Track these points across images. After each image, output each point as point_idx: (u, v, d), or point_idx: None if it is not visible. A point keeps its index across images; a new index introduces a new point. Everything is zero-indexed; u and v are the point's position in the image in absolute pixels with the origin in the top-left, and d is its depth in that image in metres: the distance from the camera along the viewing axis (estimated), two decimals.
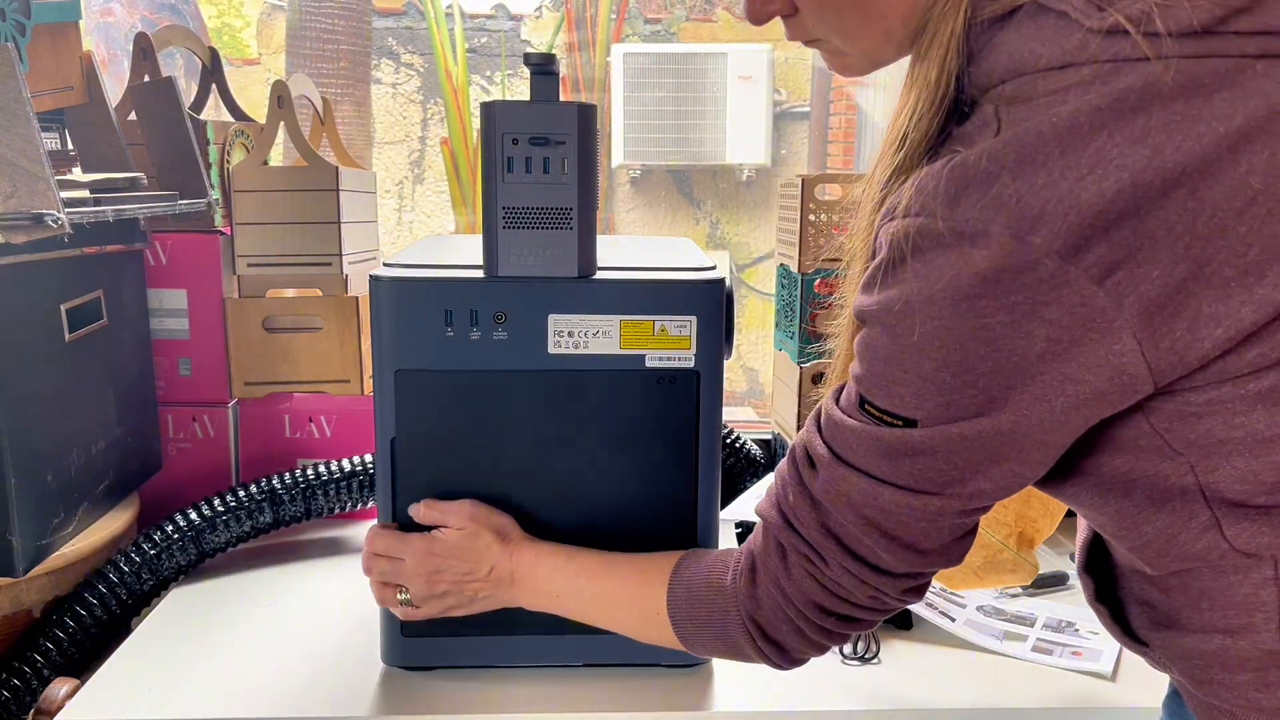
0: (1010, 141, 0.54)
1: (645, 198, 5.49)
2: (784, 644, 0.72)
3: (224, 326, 1.33)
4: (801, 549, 0.67)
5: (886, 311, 0.59)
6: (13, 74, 0.95)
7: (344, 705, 0.92)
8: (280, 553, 1.26)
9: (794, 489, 0.67)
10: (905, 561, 0.65)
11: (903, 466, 0.61)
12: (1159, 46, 0.51)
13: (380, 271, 0.89)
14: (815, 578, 0.67)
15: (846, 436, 0.63)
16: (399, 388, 0.89)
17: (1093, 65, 0.53)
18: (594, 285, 0.88)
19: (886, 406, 0.60)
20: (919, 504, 0.61)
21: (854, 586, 0.66)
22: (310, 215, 1.35)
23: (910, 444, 0.60)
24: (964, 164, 0.55)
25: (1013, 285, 0.53)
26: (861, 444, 0.62)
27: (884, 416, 0.61)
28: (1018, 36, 0.56)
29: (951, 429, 0.58)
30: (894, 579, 0.66)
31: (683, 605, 0.77)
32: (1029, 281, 0.52)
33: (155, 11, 4.39)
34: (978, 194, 0.53)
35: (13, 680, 1.02)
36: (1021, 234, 0.52)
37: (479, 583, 0.87)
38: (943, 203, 0.55)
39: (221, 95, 1.51)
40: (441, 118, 5.25)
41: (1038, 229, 0.51)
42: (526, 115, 0.84)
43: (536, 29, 5.42)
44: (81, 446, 1.12)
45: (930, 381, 0.58)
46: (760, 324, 5.05)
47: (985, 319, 0.54)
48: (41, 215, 0.94)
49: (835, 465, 0.64)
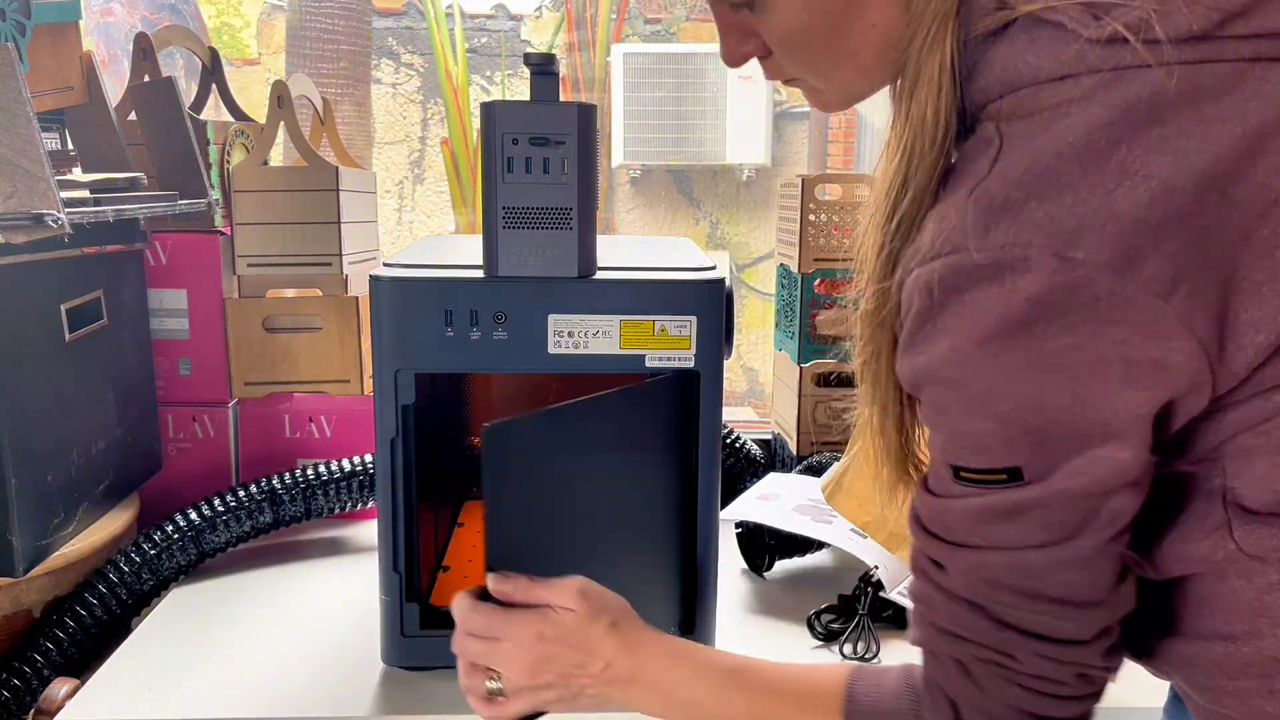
0: (1029, 166, 0.52)
1: (645, 198, 5.49)
2: None
3: (224, 326, 1.33)
4: (983, 655, 0.59)
5: (942, 366, 0.55)
6: (13, 74, 0.95)
7: (344, 705, 0.92)
8: (280, 553, 1.26)
9: (938, 601, 0.60)
10: (1090, 623, 0.58)
11: (1030, 523, 0.56)
12: (1160, 53, 0.51)
13: (380, 271, 0.89)
14: (1013, 681, 0.60)
15: (956, 518, 0.58)
16: (399, 388, 0.89)
17: (1093, 75, 0.52)
18: (594, 285, 0.88)
19: (983, 465, 0.56)
20: (1069, 554, 0.56)
21: (1054, 671, 0.59)
22: (310, 215, 1.35)
23: (1025, 501, 0.55)
24: (987, 192, 0.53)
25: (1067, 306, 0.50)
26: (977, 519, 0.57)
27: (985, 477, 0.56)
28: (1012, 50, 0.55)
29: (1057, 483, 0.54)
30: (1088, 646, 0.59)
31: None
32: (1085, 300, 0.50)
33: (155, 11, 4.39)
34: (1008, 221, 0.51)
35: (13, 680, 1.02)
36: (1063, 251, 0.50)
37: (590, 678, 0.71)
38: (974, 235, 0.52)
39: (221, 95, 1.51)
40: (441, 118, 5.25)
41: (1079, 244, 0.50)
42: (526, 115, 0.84)
43: (536, 29, 5.42)
44: (81, 446, 1.12)
45: (1013, 425, 0.54)
46: (760, 324, 5.05)
47: (1047, 343, 0.51)
48: (41, 215, 0.94)
49: (964, 554, 0.58)
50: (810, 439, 1.43)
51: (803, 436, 1.43)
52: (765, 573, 1.19)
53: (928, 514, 0.60)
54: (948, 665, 0.62)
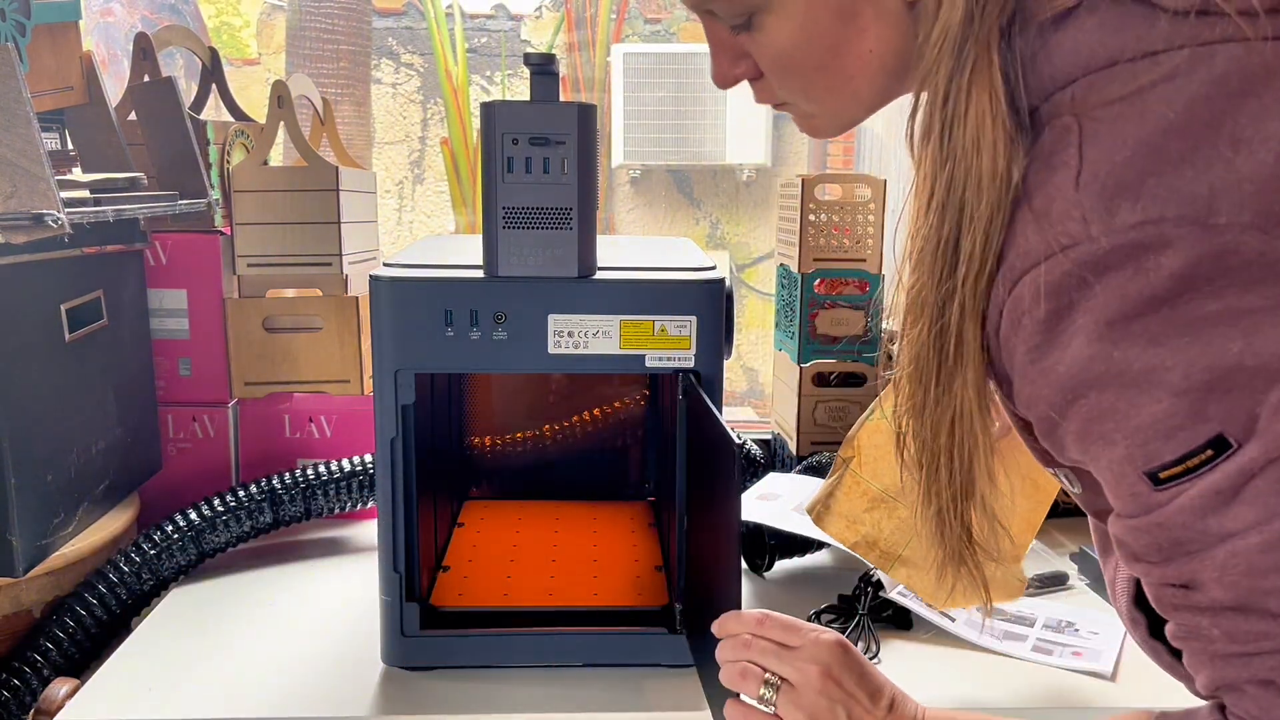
0: (1135, 146, 0.49)
1: (645, 198, 5.49)
2: None
3: (224, 326, 1.33)
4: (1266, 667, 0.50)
5: (1089, 367, 0.50)
6: (13, 74, 0.95)
7: (344, 705, 0.92)
8: (280, 553, 1.26)
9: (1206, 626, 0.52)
10: None
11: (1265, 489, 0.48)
12: (1258, 26, 0.49)
13: (380, 271, 0.89)
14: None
15: (1182, 523, 0.50)
16: (399, 387, 0.89)
17: (1185, 50, 0.49)
18: (594, 285, 0.88)
19: (1181, 451, 0.49)
20: None
21: None
22: (310, 215, 1.35)
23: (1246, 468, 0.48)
24: (1095, 178, 0.49)
25: (1214, 273, 0.47)
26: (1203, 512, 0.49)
27: (1189, 464, 0.49)
28: (1081, 34, 0.52)
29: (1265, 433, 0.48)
30: None
31: None
32: (1234, 265, 0.47)
33: (155, 11, 4.39)
34: (1131, 201, 0.48)
35: (13, 680, 1.02)
36: (1205, 219, 0.47)
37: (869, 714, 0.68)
38: (1097, 222, 0.49)
39: (221, 95, 1.51)
40: (441, 118, 5.24)
41: (1217, 210, 0.47)
42: (526, 115, 0.84)
43: (536, 29, 5.42)
44: (81, 446, 1.12)
45: (1191, 391, 0.48)
46: (760, 324, 5.05)
47: (1196, 310, 0.47)
48: (41, 215, 0.94)
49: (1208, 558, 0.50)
50: (810, 439, 1.43)
51: (803, 436, 1.43)
52: (765, 573, 1.19)
53: (1144, 542, 0.52)
54: (1254, 693, 0.51)
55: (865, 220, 1.41)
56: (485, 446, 1.34)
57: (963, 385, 0.56)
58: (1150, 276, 0.48)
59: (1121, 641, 1.02)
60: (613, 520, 1.22)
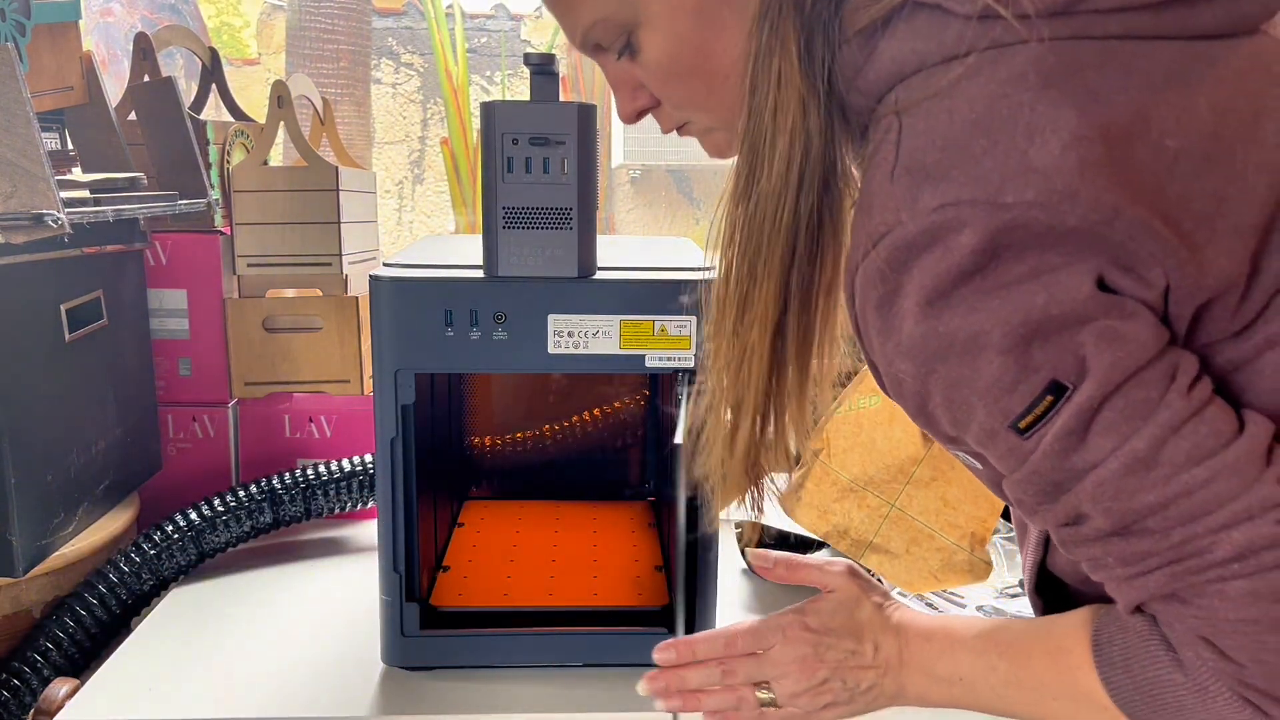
0: (940, 142, 0.52)
1: (645, 198, 5.49)
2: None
3: (224, 326, 1.33)
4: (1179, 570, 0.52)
5: (923, 340, 0.53)
6: (13, 74, 0.95)
7: (344, 705, 0.92)
8: (280, 553, 1.26)
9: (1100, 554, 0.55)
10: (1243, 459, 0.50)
11: (1110, 422, 0.51)
12: (1033, 28, 0.52)
13: (380, 271, 0.89)
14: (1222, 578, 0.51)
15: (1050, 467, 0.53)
16: (399, 388, 0.89)
17: (976, 54, 0.53)
18: (594, 285, 0.88)
19: (1024, 404, 0.52)
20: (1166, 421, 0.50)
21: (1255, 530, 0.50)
22: (310, 215, 1.35)
23: (1087, 404, 0.51)
24: (906, 169, 0.53)
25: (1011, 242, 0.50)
26: (1063, 451, 0.52)
27: (1037, 410, 0.52)
28: (895, 41, 0.56)
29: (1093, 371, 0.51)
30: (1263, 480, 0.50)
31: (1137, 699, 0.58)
32: (1025, 237, 0.50)
33: (155, 11, 4.39)
34: (932, 187, 0.52)
35: (13, 680, 1.02)
36: (994, 198, 0.50)
37: (866, 669, 0.68)
38: (905, 208, 0.52)
39: (221, 95, 1.51)
40: (441, 118, 5.24)
41: (1005, 190, 0.50)
42: (526, 115, 0.84)
43: (536, 29, 5.42)
44: (81, 446, 1.12)
45: (1015, 346, 0.51)
46: None
47: (1002, 275, 0.51)
48: (41, 215, 0.94)
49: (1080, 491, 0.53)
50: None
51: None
52: None
53: (1030, 491, 0.55)
54: (1160, 609, 0.54)
55: None
56: (485, 446, 1.34)
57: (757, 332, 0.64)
58: (954, 254, 0.51)
59: None
60: (613, 520, 1.22)
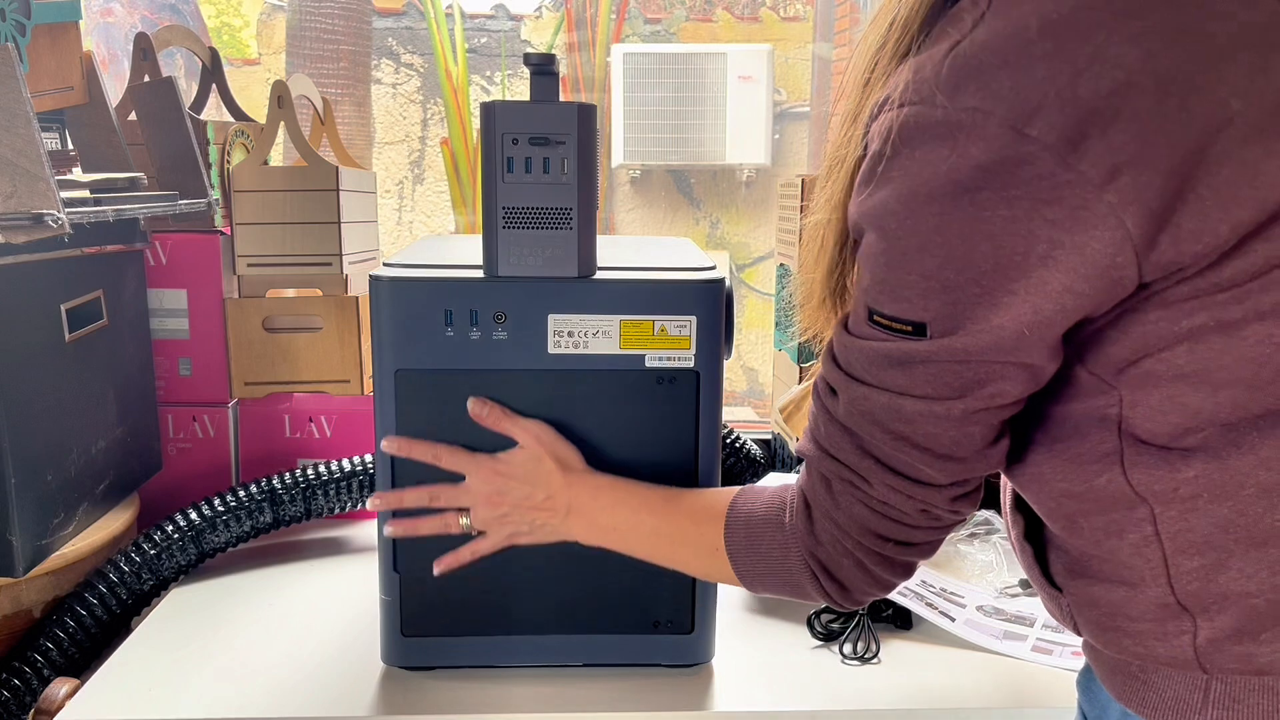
0: (1009, 34, 0.53)
1: (645, 198, 5.49)
2: (846, 582, 0.71)
3: (224, 326, 1.33)
4: (844, 475, 0.67)
5: (884, 214, 0.58)
6: (13, 74, 0.95)
7: (344, 705, 0.92)
8: (280, 553, 1.26)
9: (823, 420, 0.67)
10: (946, 472, 0.64)
11: (916, 375, 0.60)
12: None
13: (380, 271, 0.89)
14: (863, 502, 0.67)
15: (857, 355, 0.63)
16: (399, 388, 0.89)
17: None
18: (594, 285, 0.88)
19: (894, 313, 0.60)
20: (941, 410, 0.61)
21: (900, 502, 0.65)
22: (310, 215, 1.35)
23: (918, 353, 0.59)
24: (964, 54, 0.54)
25: (1011, 179, 0.53)
26: (873, 360, 0.62)
27: (892, 324, 0.60)
28: None
29: (956, 341, 0.58)
30: (939, 490, 0.65)
31: (741, 544, 0.76)
32: (1028, 177, 0.52)
33: (155, 11, 4.40)
34: (976, 84, 0.53)
35: (13, 680, 1.02)
36: (1019, 125, 0.52)
37: (538, 510, 0.85)
38: (944, 90, 0.54)
39: (221, 95, 1.51)
40: (441, 118, 5.25)
41: (1034, 121, 0.51)
42: (526, 115, 0.84)
43: (536, 29, 5.42)
44: (81, 446, 1.12)
45: (934, 280, 0.57)
46: (760, 324, 5.05)
47: (985, 212, 0.54)
48: (41, 215, 0.94)
49: (852, 386, 0.64)
50: None
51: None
52: None
53: (840, 348, 0.65)
54: (814, 475, 0.70)
55: None
56: None
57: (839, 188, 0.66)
58: (958, 159, 0.53)
59: None
60: None
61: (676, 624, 0.96)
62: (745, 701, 0.93)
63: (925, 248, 0.56)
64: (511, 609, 0.95)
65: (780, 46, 5.24)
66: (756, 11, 5.43)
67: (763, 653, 1.02)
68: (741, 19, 5.43)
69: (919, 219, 0.56)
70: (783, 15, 5.46)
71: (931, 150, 0.54)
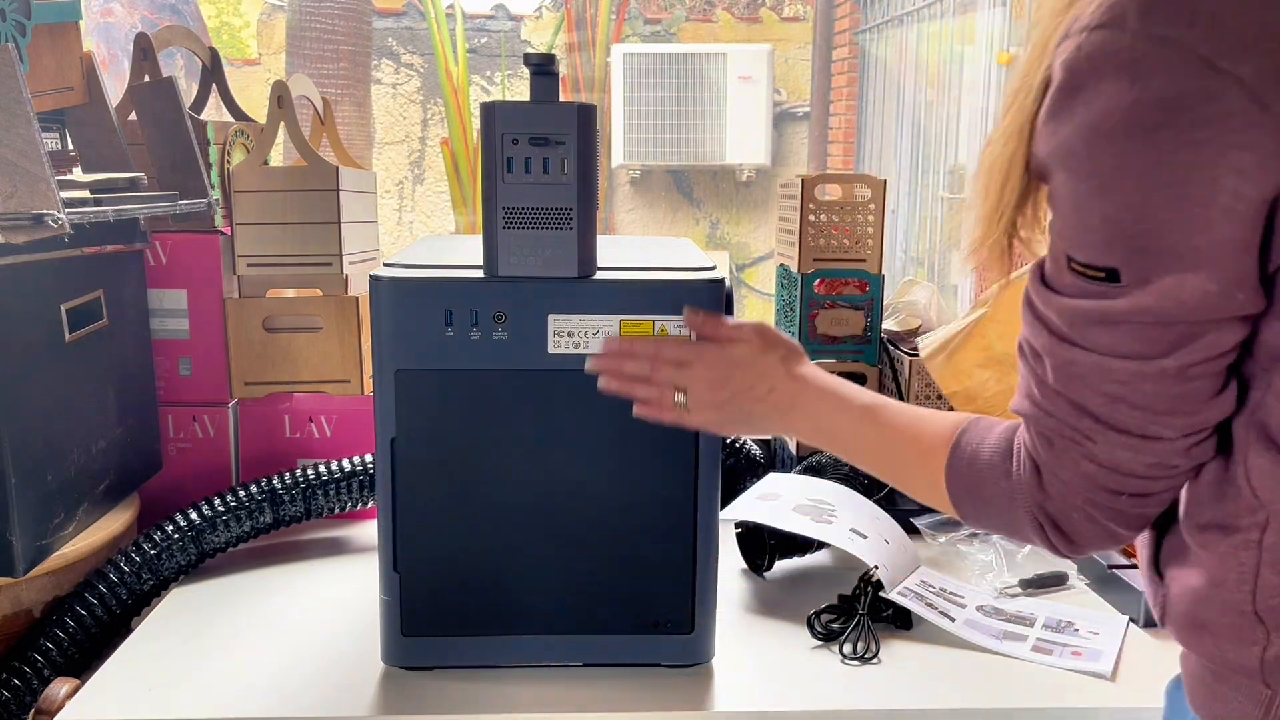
0: None
1: (645, 198, 5.49)
2: (1075, 534, 0.66)
3: (224, 326, 1.33)
4: (1065, 433, 0.62)
5: (1067, 154, 0.55)
6: (13, 74, 0.95)
7: (344, 705, 0.92)
8: (280, 553, 1.26)
9: (1034, 383, 0.64)
10: (1173, 427, 0.59)
11: (1120, 334, 0.57)
12: None
13: (380, 271, 0.89)
14: (1089, 458, 0.62)
15: (1058, 313, 0.59)
16: (399, 388, 0.89)
17: None
18: (594, 285, 0.88)
19: (1087, 259, 0.56)
20: (1153, 370, 0.57)
21: (1128, 460, 0.61)
22: (310, 215, 1.35)
23: (1117, 312, 0.56)
24: None
25: (1198, 117, 0.49)
26: (1074, 319, 0.59)
27: (1087, 270, 0.57)
28: None
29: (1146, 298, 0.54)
30: (1171, 443, 0.60)
31: (964, 487, 0.72)
32: (1215, 114, 0.49)
33: (155, 11, 4.40)
34: (1172, 10, 0.49)
35: (13, 680, 1.02)
36: (1212, 58, 0.48)
37: (759, 402, 0.82)
38: (1134, 12, 0.50)
39: (221, 95, 1.51)
40: (441, 118, 5.25)
41: (1231, 53, 0.48)
42: (526, 115, 0.84)
43: (536, 29, 5.42)
44: (81, 446, 1.12)
45: (1116, 226, 0.54)
46: None
47: (1166, 155, 0.50)
48: (41, 215, 0.94)
49: (1057, 348, 0.60)
50: None
51: None
52: (765, 573, 1.19)
53: (1040, 303, 0.61)
54: (1034, 435, 0.65)
55: (865, 220, 1.41)
56: None
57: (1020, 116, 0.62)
58: (1143, 94, 0.50)
59: (1121, 641, 1.02)
60: None
61: (676, 624, 0.96)
62: (745, 701, 0.93)
63: (1106, 188, 0.53)
64: (511, 609, 0.95)
65: (780, 46, 5.24)
66: (756, 11, 5.44)
67: (763, 653, 1.02)
68: (741, 19, 5.43)
69: (1098, 159, 0.53)
70: (783, 15, 5.46)
71: (1113, 83, 0.51)
